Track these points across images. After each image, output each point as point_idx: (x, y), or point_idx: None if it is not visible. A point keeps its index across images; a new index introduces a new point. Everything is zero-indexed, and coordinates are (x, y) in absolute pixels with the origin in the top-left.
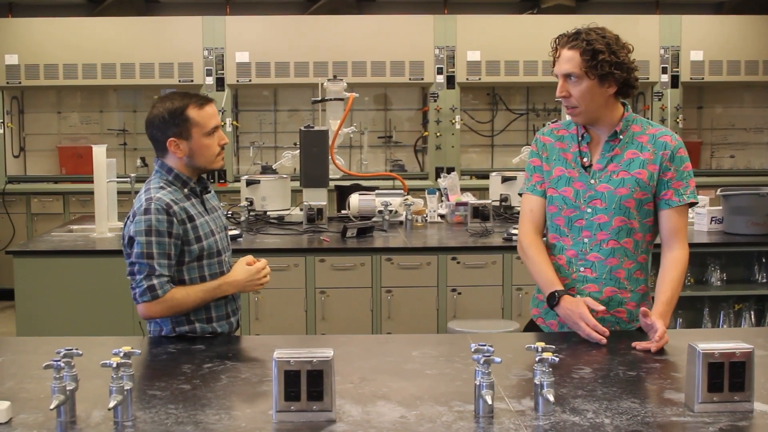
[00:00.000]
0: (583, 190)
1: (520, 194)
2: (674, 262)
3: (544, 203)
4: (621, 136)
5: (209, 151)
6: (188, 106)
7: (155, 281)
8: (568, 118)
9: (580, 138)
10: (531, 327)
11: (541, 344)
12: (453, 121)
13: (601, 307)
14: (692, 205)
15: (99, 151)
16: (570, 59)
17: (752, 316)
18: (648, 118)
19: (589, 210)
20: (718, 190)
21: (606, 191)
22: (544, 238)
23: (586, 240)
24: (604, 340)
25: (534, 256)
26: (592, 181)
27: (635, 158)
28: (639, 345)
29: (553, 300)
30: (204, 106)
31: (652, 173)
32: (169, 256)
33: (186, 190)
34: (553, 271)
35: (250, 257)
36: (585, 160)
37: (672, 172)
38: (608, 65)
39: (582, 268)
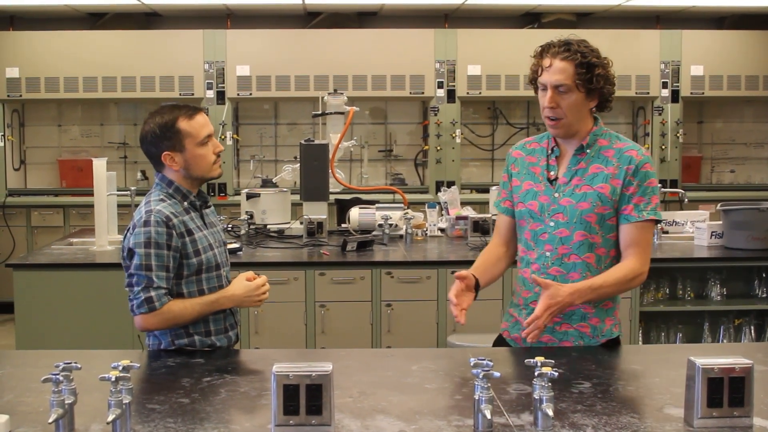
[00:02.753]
0: (547, 203)
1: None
2: (621, 266)
3: (509, 220)
4: (588, 150)
5: (204, 160)
6: (178, 118)
7: (153, 293)
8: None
9: (549, 151)
10: (500, 341)
11: (540, 359)
12: (453, 134)
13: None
14: (657, 222)
15: (99, 165)
16: (563, 70)
17: (752, 331)
18: (648, 133)
19: (551, 223)
20: (719, 204)
21: (568, 205)
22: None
23: (548, 253)
24: (460, 321)
25: (478, 258)
26: (556, 195)
27: (599, 172)
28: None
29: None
30: (194, 116)
31: (615, 188)
32: (167, 268)
33: (186, 203)
34: (479, 263)
35: (250, 273)
36: (552, 173)
37: (634, 187)
38: (603, 80)
39: None
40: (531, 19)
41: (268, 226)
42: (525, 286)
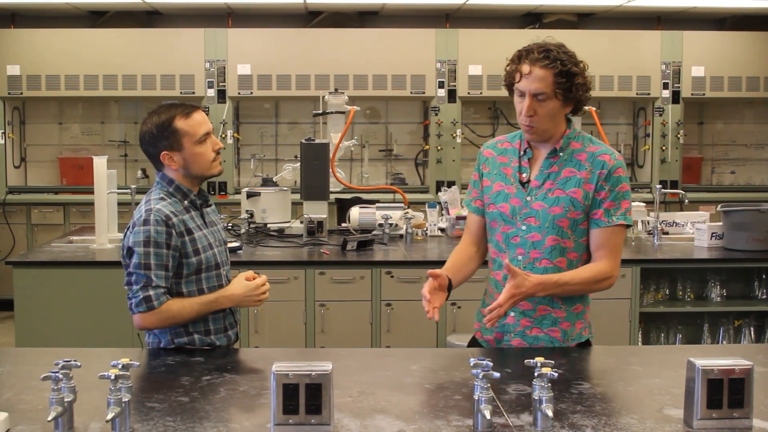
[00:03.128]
0: (519, 206)
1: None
2: (589, 266)
3: (479, 219)
4: (560, 154)
5: (203, 158)
6: (175, 117)
7: (151, 292)
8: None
9: (522, 153)
10: (473, 343)
11: (540, 359)
12: (454, 134)
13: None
14: (627, 227)
15: (100, 162)
16: (543, 78)
17: (752, 332)
18: (648, 134)
19: (523, 227)
20: (719, 205)
21: (540, 209)
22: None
23: (519, 257)
24: (434, 318)
25: (449, 258)
26: (528, 198)
27: (572, 177)
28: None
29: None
30: (191, 115)
31: (588, 192)
32: (166, 267)
33: (186, 202)
34: (450, 264)
35: (250, 272)
36: (524, 175)
37: (606, 192)
38: (581, 88)
39: None
40: (532, 19)
41: (269, 225)
42: (497, 288)
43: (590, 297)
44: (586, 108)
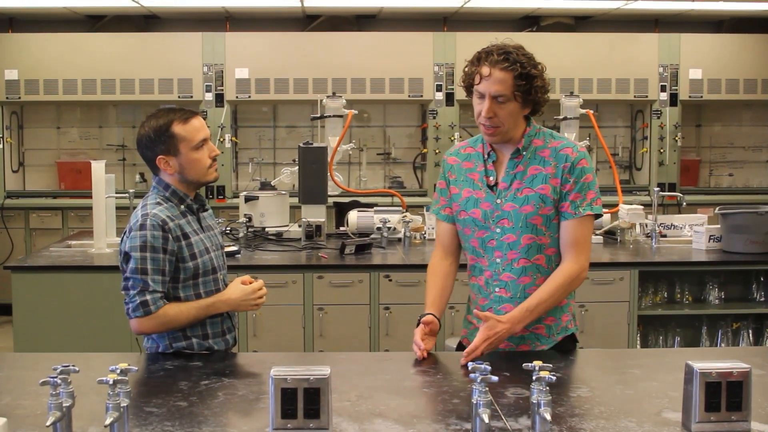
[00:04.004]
0: (490, 210)
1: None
2: (557, 273)
3: (450, 227)
4: (524, 153)
5: (199, 164)
6: (173, 122)
7: (148, 297)
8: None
9: (486, 156)
10: (461, 348)
11: (538, 363)
12: (452, 138)
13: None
14: (597, 217)
15: (98, 167)
16: (502, 81)
17: (750, 335)
18: (646, 137)
19: (498, 230)
20: (717, 208)
21: (512, 210)
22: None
23: (498, 260)
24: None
25: (428, 280)
26: (498, 201)
27: (538, 174)
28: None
29: (418, 321)
30: (189, 120)
31: (555, 187)
32: (163, 272)
33: (182, 206)
34: (435, 294)
35: (247, 277)
36: (491, 179)
37: (571, 185)
38: (540, 90)
39: (497, 289)
40: (530, 22)
41: (267, 229)
42: (480, 293)
43: (575, 292)
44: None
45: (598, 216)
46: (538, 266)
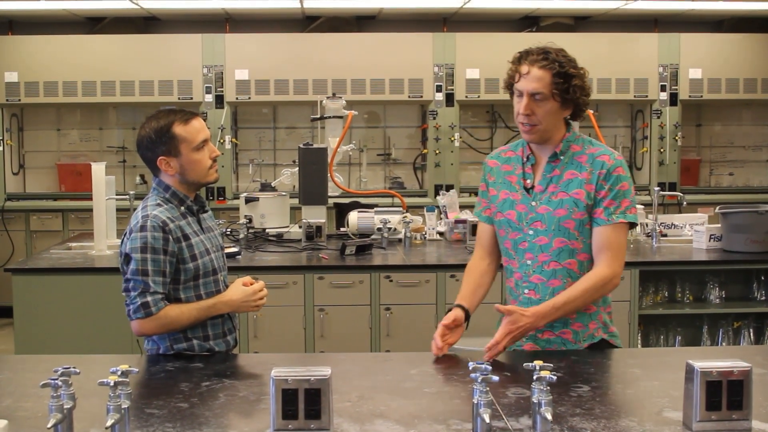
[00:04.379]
0: (525, 212)
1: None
2: (588, 275)
3: (490, 228)
4: (561, 157)
5: (200, 165)
6: (173, 123)
7: (149, 298)
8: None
9: (525, 159)
10: None
11: (539, 362)
12: (452, 138)
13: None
14: (632, 226)
15: (98, 169)
16: (540, 78)
17: (751, 334)
18: (646, 136)
19: (530, 232)
20: (717, 207)
21: (546, 213)
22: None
23: (529, 262)
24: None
25: (464, 278)
26: (533, 203)
27: (574, 179)
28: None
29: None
30: (190, 121)
31: (589, 193)
32: (164, 273)
33: (183, 208)
34: (468, 289)
35: (248, 278)
36: (528, 181)
37: (605, 191)
38: (579, 90)
39: (526, 290)
40: (529, 22)
41: (267, 230)
42: (511, 295)
43: (609, 300)
44: (586, 113)
45: (633, 225)
46: (569, 270)
